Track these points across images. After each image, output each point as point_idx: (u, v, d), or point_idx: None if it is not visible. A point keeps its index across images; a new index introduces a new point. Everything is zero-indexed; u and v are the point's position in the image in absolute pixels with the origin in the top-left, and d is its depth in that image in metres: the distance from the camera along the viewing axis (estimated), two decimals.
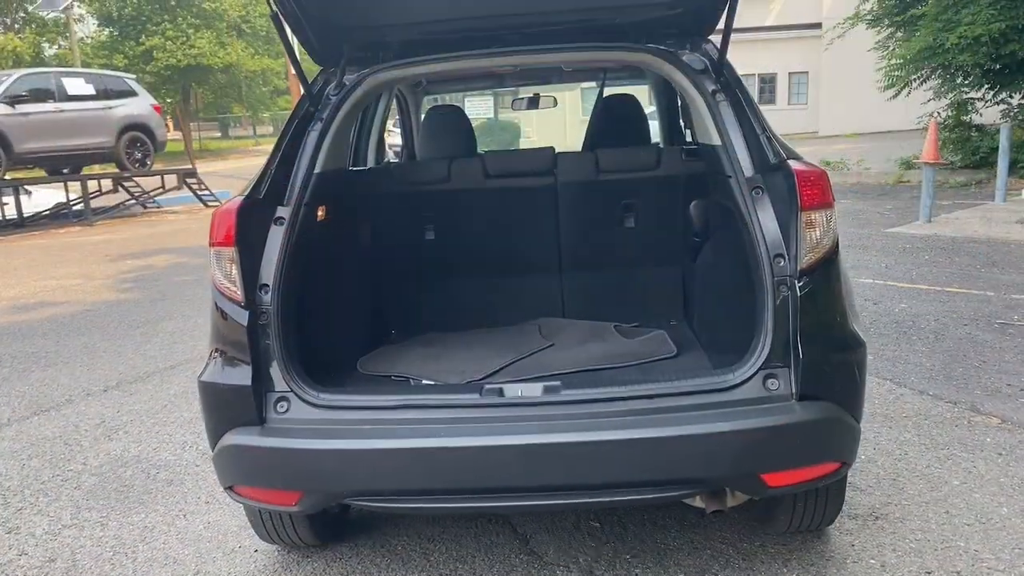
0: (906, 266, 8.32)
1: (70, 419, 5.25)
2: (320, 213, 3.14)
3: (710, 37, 3.18)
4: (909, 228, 10.64)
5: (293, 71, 4.07)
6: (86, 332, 7.59)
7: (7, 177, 16.35)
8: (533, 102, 6.39)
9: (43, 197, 18.96)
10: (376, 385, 3.24)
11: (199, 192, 18.97)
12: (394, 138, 8.71)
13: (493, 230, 4.05)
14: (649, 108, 5.59)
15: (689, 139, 5.31)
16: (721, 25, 3.05)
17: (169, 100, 42.60)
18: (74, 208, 18.20)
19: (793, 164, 2.64)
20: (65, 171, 17.67)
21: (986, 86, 15.48)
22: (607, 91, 5.31)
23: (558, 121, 28.38)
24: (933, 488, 3.65)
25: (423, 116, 5.34)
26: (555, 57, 3.28)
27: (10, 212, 17.18)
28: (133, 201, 18.84)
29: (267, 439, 2.62)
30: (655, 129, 5.41)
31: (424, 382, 3.21)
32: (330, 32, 3.20)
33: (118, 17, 41.68)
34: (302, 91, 3.22)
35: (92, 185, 17.92)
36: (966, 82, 15.51)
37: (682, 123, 5.15)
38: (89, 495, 4.11)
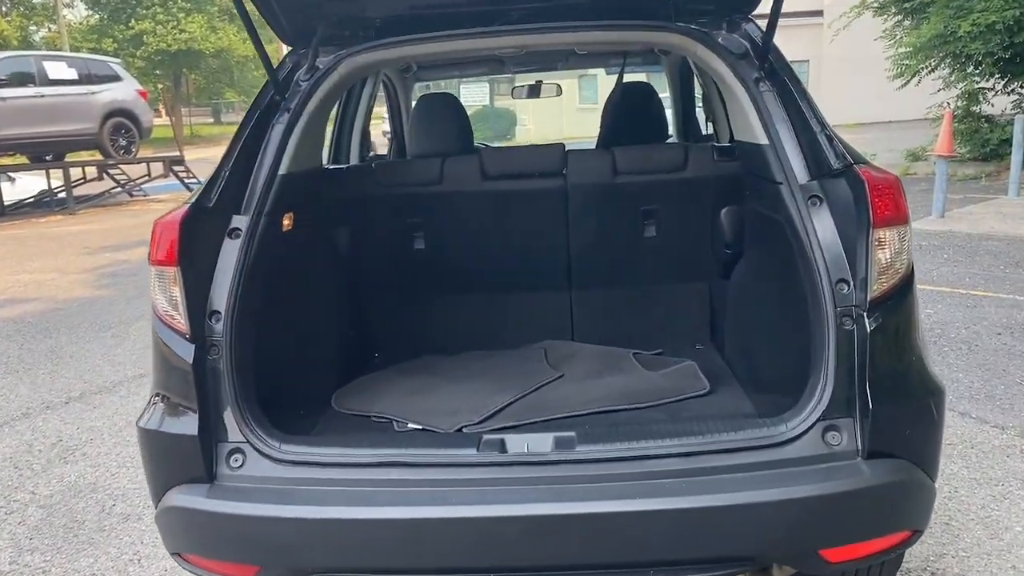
0: (925, 266, 7.86)
1: (24, 436, 4.77)
2: (286, 222, 2.65)
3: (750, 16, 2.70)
4: (923, 224, 10.18)
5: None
6: (53, 333, 7.10)
7: None
8: (535, 90, 5.88)
9: (29, 184, 18.35)
10: (352, 432, 2.74)
11: (186, 180, 18.39)
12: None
13: (492, 239, 3.52)
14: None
15: (708, 131, 4.84)
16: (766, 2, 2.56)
17: (160, 86, 41.88)
18: (57, 196, 17.62)
19: (862, 169, 2.17)
20: (48, 158, 17.12)
21: (997, 75, 15.02)
22: (612, 78, 4.82)
23: (555, 109, 27.87)
24: (993, 535, 3.19)
25: (413, 105, 4.81)
26: (568, 37, 2.77)
27: None
28: (119, 189, 18.29)
29: (216, 502, 2.15)
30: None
31: (410, 426, 2.72)
32: (300, 5, 2.69)
33: (107, 1, 40.90)
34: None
35: (76, 173, 17.34)
36: (977, 71, 15.03)
37: (703, 116, 4.64)
38: (34, 532, 3.63)
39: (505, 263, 3.53)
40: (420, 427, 2.69)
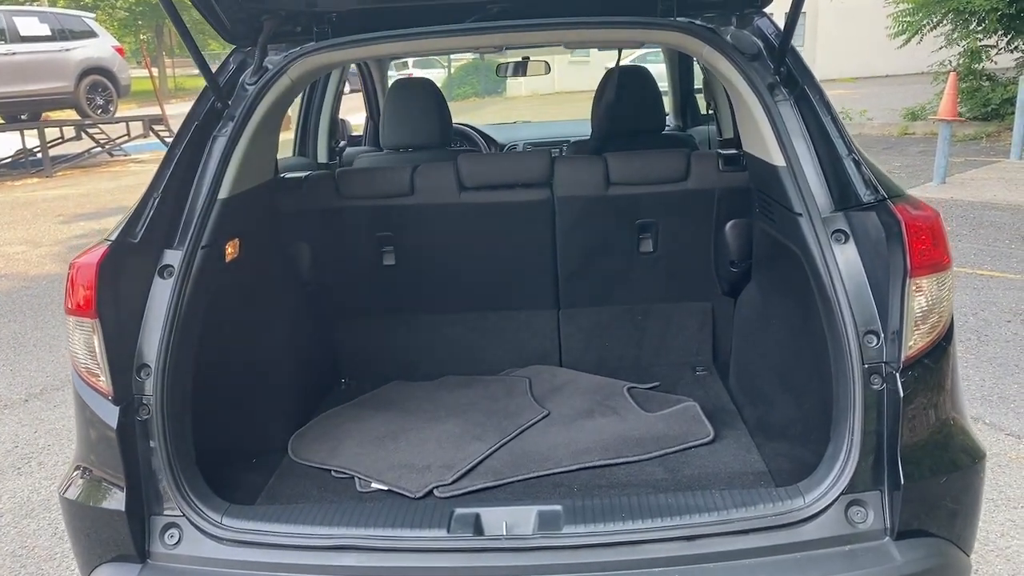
0: None
1: None
2: (230, 250, 2.32)
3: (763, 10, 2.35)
4: (923, 191, 9.84)
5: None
6: (18, 317, 6.76)
7: None
8: (521, 67, 5.52)
9: (7, 143, 17.73)
10: (308, 493, 2.43)
11: (167, 140, 17.82)
12: None
13: (470, 255, 3.20)
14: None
15: (705, 111, 4.49)
16: None
17: (143, 36, 40.84)
18: (33, 157, 17.07)
19: (898, 205, 1.86)
20: (23, 117, 16.56)
21: (1000, 32, 14.59)
22: (601, 60, 4.44)
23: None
24: (1016, 572, 2.94)
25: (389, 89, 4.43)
26: (554, 35, 2.43)
27: None
28: (99, 149, 17.75)
29: None
30: None
31: (374, 486, 2.42)
32: None
33: None
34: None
35: (53, 132, 16.79)
36: (980, 28, 14.59)
37: (705, 104, 4.26)
38: None
39: (485, 280, 3.20)
40: (385, 488, 2.39)
